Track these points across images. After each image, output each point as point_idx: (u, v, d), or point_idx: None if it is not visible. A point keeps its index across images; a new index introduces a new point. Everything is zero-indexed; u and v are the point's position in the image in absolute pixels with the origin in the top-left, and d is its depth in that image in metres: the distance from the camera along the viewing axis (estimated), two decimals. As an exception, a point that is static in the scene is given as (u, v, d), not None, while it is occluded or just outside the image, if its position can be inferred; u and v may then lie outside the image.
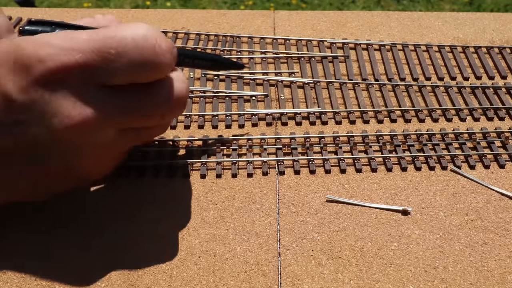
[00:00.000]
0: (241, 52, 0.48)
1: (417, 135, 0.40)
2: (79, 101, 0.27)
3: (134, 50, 0.26)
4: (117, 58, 0.26)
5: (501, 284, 0.32)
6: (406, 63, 0.48)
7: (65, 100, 0.26)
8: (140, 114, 0.29)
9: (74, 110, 0.27)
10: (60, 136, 0.27)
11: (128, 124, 0.30)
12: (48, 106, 0.26)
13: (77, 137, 0.28)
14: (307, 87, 0.45)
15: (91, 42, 0.26)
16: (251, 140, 0.40)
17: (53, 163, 0.29)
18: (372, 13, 0.55)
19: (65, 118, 0.27)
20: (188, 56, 0.34)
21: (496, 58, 0.48)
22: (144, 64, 0.27)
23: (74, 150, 0.29)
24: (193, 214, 0.35)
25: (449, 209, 0.36)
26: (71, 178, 0.32)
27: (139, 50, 0.27)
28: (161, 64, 0.28)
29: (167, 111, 0.30)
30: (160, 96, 0.29)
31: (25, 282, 0.31)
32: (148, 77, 0.28)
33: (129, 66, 0.27)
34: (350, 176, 0.38)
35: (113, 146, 0.31)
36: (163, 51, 0.27)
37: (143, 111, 0.29)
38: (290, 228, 0.34)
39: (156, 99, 0.29)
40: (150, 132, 0.32)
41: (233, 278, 0.32)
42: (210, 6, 1.84)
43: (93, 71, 0.27)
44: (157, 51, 0.27)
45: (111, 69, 0.27)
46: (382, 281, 0.32)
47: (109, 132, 0.29)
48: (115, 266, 0.32)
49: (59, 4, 1.86)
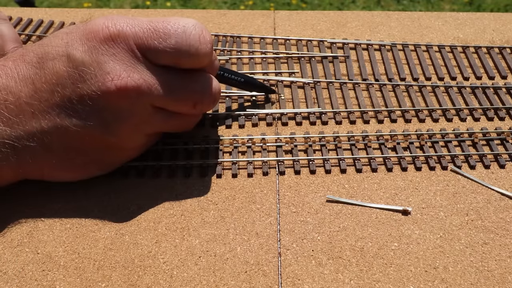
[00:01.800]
0: (241, 52, 0.48)
1: (418, 135, 0.40)
2: (130, 68, 0.31)
3: (182, 34, 0.32)
4: (168, 38, 0.32)
5: (502, 284, 0.32)
6: (406, 63, 0.48)
7: (119, 64, 0.31)
8: (177, 95, 0.33)
9: (125, 72, 0.31)
10: (107, 94, 0.31)
11: (164, 103, 0.33)
12: (105, 65, 0.31)
13: (121, 99, 0.31)
14: (307, 87, 0.45)
15: (150, 22, 0.32)
16: (251, 140, 0.40)
17: (96, 122, 0.32)
18: (372, 13, 0.55)
19: (116, 76, 0.31)
20: (225, 71, 0.39)
21: (496, 58, 0.48)
22: (189, 49, 0.32)
23: (115, 113, 0.32)
24: (193, 214, 0.35)
25: (450, 209, 0.36)
26: (107, 152, 0.34)
27: (186, 35, 0.32)
28: (202, 51, 0.32)
29: (200, 100, 0.34)
30: (197, 84, 0.34)
31: (25, 282, 0.31)
32: (189, 62, 0.33)
33: (176, 47, 0.32)
34: (350, 176, 0.38)
35: (147, 121, 0.34)
36: (206, 41, 0.33)
37: (180, 93, 0.33)
38: (290, 228, 0.34)
39: (193, 85, 0.34)
40: (180, 120, 0.35)
41: (233, 278, 0.32)
42: (210, 6, 1.84)
43: (147, 46, 0.32)
44: (201, 40, 0.32)
45: (162, 47, 0.31)
46: (383, 281, 0.32)
47: (147, 104, 0.32)
48: (115, 266, 0.32)
49: (59, 4, 1.86)
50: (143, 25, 0.32)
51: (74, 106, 0.31)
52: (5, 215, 0.35)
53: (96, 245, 0.33)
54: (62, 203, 0.35)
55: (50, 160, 0.33)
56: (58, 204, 0.35)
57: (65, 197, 0.36)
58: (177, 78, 0.33)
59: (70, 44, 0.32)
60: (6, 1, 1.80)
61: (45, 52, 0.32)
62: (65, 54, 0.31)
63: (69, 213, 0.35)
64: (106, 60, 0.31)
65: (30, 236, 0.34)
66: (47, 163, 0.33)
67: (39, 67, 0.32)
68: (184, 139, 0.39)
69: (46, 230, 0.34)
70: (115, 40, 0.31)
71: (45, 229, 0.34)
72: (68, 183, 0.36)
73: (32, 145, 0.32)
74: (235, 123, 0.42)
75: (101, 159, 0.35)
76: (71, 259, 0.32)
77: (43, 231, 0.34)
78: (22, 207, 0.35)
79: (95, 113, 0.32)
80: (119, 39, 0.31)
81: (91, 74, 0.31)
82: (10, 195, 0.35)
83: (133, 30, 0.32)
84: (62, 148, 0.33)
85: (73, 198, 0.36)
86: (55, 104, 0.32)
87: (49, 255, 0.33)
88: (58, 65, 0.31)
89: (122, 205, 0.35)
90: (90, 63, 0.31)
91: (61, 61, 0.31)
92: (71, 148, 0.33)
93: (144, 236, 0.34)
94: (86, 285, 0.31)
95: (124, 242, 0.33)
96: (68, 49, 0.31)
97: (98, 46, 0.31)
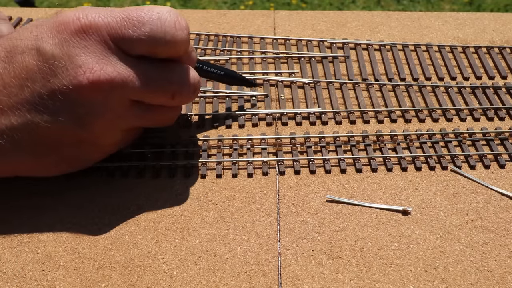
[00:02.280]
0: (241, 52, 0.48)
1: (418, 135, 0.40)
2: (103, 60, 0.30)
3: (157, 21, 0.31)
4: (142, 26, 0.30)
5: (502, 284, 0.32)
6: (406, 63, 0.48)
7: (92, 56, 0.30)
8: (153, 86, 0.32)
9: (97, 65, 0.30)
10: (79, 88, 0.30)
11: (141, 95, 0.32)
12: (76, 58, 0.30)
13: (94, 93, 0.30)
14: (307, 87, 0.45)
15: (123, 11, 0.31)
16: (251, 140, 0.40)
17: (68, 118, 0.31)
18: (372, 13, 0.55)
19: (88, 70, 0.30)
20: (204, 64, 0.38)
21: (496, 58, 0.48)
22: (164, 35, 0.31)
23: (88, 108, 0.31)
24: (193, 214, 0.35)
25: (449, 209, 0.36)
26: (81, 148, 0.33)
27: (161, 22, 0.31)
28: (179, 38, 0.31)
29: (178, 91, 0.33)
30: (174, 74, 0.33)
31: (25, 282, 0.31)
32: (166, 50, 0.32)
33: (151, 35, 0.31)
34: (350, 176, 0.38)
35: (123, 116, 0.33)
36: (182, 27, 0.31)
37: (157, 84, 0.32)
38: (290, 228, 0.34)
39: (170, 76, 0.32)
40: (159, 114, 0.34)
41: (233, 278, 0.32)
42: (210, 6, 1.84)
43: (120, 35, 0.30)
44: (177, 26, 0.31)
45: (136, 36, 0.30)
46: (383, 281, 0.32)
47: (122, 98, 0.31)
48: (115, 266, 0.32)
49: (59, 4, 1.86)
50: (115, 14, 0.31)
51: (45, 101, 0.30)
52: (5, 215, 0.35)
53: (96, 245, 0.33)
54: (62, 203, 0.35)
55: (22, 157, 0.32)
56: (58, 204, 0.35)
57: (64, 197, 0.36)
58: (153, 68, 0.32)
59: (40, 37, 0.30)
60: (6, 1, 1.80)
61: (14, 46, 0.31)
62: (35, 47, 0.30)
63: (69, 213, 0.35)
64: (77, 53, 0.30)
65: (30, 236, 0.34)
66: (19, 160, 0.32)
67: (8, 61, 0.30)
68: (184, 139, 0.39)
69: (46, 230, 0.34)
70: (86, 31, 0.30)
71: (45, 229, 0.34)
72: (67, 183, 0.36)
73: (1, 143, 0.31)
74: (235, 123, 0.42)
75: (75, 155, 0.34)
76: (71, 259, 0.32)
77: (43, 231, 0.34)
78: (22, 207, 0.35)
79: (67, 108, 0.31)
80: (91, 31, 0.30)
81: (62, 68, 0.30)
82: (10, 195, 0.35)
83: (105, 20, 0.30)
84: (34, 145, 0.32)
85: (73, 198, 0.36)
86: (25, 100, 0.30)
87: (49, 255, 0.33)
88: (28, 59, 0.30)
89: (122, 205, 0.35)
90: (61, 57, 0.30)
91: (30, 55, 0.30)
92: (43, 144, 0.32)
93: (144, 236, 0.34)
94: (86, 285, 0.31)
95: (124, 242, 0.33)
96: (38, 42, 0.30)
97: (69, 39, 0.30)
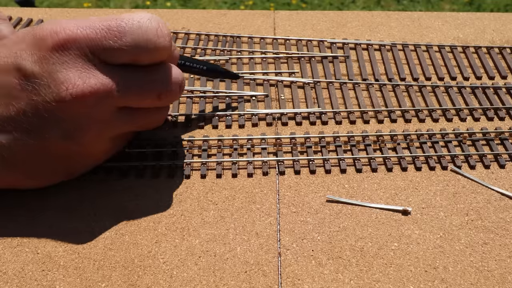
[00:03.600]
0: (241, 52, 0.48)
1: (418, 135, 0.40)
2: (85, 73, 0.30)
3: (138, 30, 0.30)
4: (123, 36, 0.30)
5: (502, 284, 0.32)
6: (406, 63, 0.48)
7: (73, 71, 0.29)
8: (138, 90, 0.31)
9: (80, 79, 0.29)
10: (63, 104, 0.30)
11: (127, 101, 0.32)
12: (57, 74, 0.29)
13: (79, 107, 0.30)
14: (307, 87, 0.45)
15: (102, 21, 0.30)
16: (251, 140, 0.40)
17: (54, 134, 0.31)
18: (372, 13, 0.55)
19: (71, 85, 0.29)
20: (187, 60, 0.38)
21: (496, 58, 0.48)
22: (147, 44, 0.30)
23: (76, 122, 0.31)
24: (193, 214, 0.35)
25: (449, 209, 0.36)
26: (72, 159, 0.33)
27: (143, 31, 0.30)
28: (161, 45, 0.31)
29: (163, 90, 0.32)
30: (157, 74, 0.32)
31: (25, 282, 0.31)
32: (149, 58, 0.31)
33: (133, 44, 0.30)
34: (350, 176, 0.38)
35: (112, 124, 0.32)
36: (164, 34, 0.31)
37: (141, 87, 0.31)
38: (290, 228, 0.34)
39: (154, 77, 0.32)
40: (147, 117, 0.34)
41: (233, 278, 0.32)
42: (210, 6, 1.83)
43: (101, 47, 0.30)
44: (159, 33, 0.31)
45: (117, 46, 0.30)
46: (383, 281, 0.32)
47: (109, 107, 0.31)
48: (115, 266, 0.32)
49: (59, 4, 1.86)
50: (94, 25, 0.30)
51: (30, 119, 0.30)
52: (5, 216, 0.35)
53: (96, 245, 0.33)
54: (62, 203, 0.35)
55: (12, 174, 0.32)
56: (57, 204, 0.35)
57: (64, 197, 0.36)
58: (136, 72, 0.31)
59: (19, 54, 0.30)
60: (6, 1, 1.80)
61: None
62: (15, 66, 0.30)
63: (69, 213, 0.35)
64: (58, 69, 0.29)
65: (30, 236, 0.34)
66: (10, 176, 0.33)
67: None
68: (184, 139, 0.39)
69: (46, 230, 0.34)
70: (65, 46, 0.29)
71: (45, 229, 0.34)
72: (67, 183, 0.36)
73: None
74: (235, 123, 0.42)
75: (67, 167, 0.34)
76: (71, 259, 0.32)
77: (43, 231, 0.34)
78: (21, 207, 0.35)
79: (53, 124, 0.30)
80: (70, 45, 0.29)
81: (44, 86, 0.29)
82: (10, 196, 0.35)
83: (84, 32, 0.30)
84: (23, 162, 0.32)
85: (73, 199, 0.36)
86: (10, 118, 0.30)
87: (48, 255, 0.33)
88: (9, 77, 0.30)
89: (122, 205, 0.35)
90: (41, 74, 0.29)
91: (11, 74, 0.30)
92: (33, 160, 0.32)
93: (144, 236, 0.34)
94: (86, 285, 0.31)
95: (124, 242, 0.33)
96: (17, 60, 0.30)
97: (48, 56, 0.29)
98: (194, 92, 0.44)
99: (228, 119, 0.42)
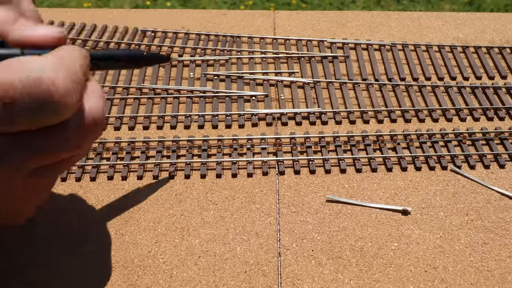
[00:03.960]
0: (241, 52, 0.48)
1: (417, 135, 0.40)
2: None
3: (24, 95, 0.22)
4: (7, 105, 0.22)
5: (501, 284, 0.32)
6: (406, 63, 0.48)
7: None
8: (48, 152, 0.24)
9: None
10: None
11: (38, 164, 0.25)
12: None
13: None
14: (307, 87, 0.45)
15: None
16: (251, 140, 0.40)
17: None
18: (372, 13, 0.55)
19: None
20: (100, 58, 0.28)
21: (496, 58, 0.48)
22: (40, 109, 0.22)
23: None
24: (193, 214, 0.35)
25: (449, 209, 0.36)
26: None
27: (30, 95, 0.22)
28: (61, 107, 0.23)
29: (81, 140, 0.25)
30: (67, 130, 0.24)
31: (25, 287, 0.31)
32: (49, 121, 0.23)
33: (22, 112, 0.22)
34: (350, 176, 0.38)
35: (24, 187, 0.25)
36: (62, 93, 0.23)
37: (51, 149, 0.24)
38: (290, 228, 0.34)
39: (64, 133, 0.24)
40: (70, 162, 0.27)
41: (233, 278, 0.32)
42: (210, 6, 1.83)
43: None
44: (54, 94, 0.22)
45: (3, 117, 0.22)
46: (382, 281, 0.32)
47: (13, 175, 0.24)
48: (115, 266, 0.32)
49: (59, 4, 1.86)
50: None
51: None
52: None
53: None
54: (62, 203, 0.35)
55: None
56: (57, 204, 0.35)
57: (64, 198, 0.36)
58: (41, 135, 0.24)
59: None
60: (6, 1, 1.80)
61: None
62: None
63: (69, 214, 0.35)
64: None
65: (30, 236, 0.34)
66: None
67: None
68: (184, 138, 0.39)
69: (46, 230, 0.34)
70: None
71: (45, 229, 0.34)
72: (68, 183, 0.36)
73: None
74: (235, 123, 0.42)
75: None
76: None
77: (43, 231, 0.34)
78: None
79: None
80: None
81: None
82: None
83: None
84: None
85: (73, 199, 0.36)
86: None
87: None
88: None
89: (122, 205, 0.35)
90: None
91: None
92: None
93: (144, 236, 0.34)
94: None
95: (124, 242, 0.33)
96: None
97: None
98: (194, 92, 0.44)
99: (228, 119, 0.42)
